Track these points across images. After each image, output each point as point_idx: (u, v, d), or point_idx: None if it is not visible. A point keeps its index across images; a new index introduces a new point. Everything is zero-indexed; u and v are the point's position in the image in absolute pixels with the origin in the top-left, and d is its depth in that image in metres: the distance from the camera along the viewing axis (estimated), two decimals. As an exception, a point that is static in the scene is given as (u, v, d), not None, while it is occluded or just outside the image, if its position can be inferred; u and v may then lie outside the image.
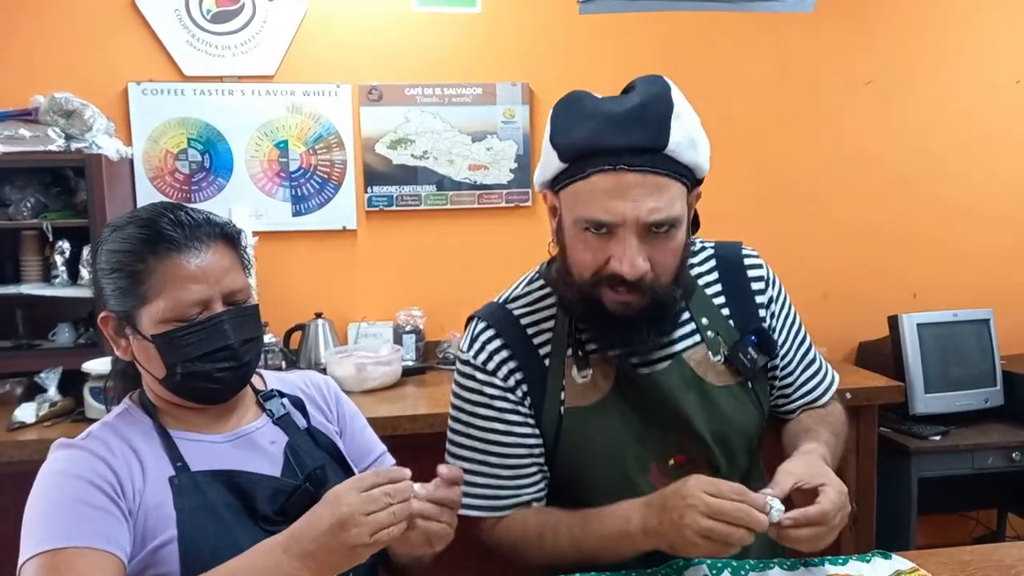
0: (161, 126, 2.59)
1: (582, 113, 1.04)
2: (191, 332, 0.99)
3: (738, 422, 1.15)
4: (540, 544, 1.12)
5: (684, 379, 1.12)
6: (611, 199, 0.99)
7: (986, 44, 2.95)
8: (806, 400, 1.26)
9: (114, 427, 1.03)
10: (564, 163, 1.04)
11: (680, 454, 1.13)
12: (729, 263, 1.21)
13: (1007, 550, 1.16)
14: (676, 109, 1.01)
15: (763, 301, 1.20)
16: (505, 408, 1.15)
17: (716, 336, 1.16)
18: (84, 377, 2.09)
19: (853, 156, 2.93)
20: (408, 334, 2.62)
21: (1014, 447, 2.45)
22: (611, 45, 2.74)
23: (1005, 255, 3.01)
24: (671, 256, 1.05)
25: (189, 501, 0.98)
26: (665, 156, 1.00)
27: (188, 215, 1.03)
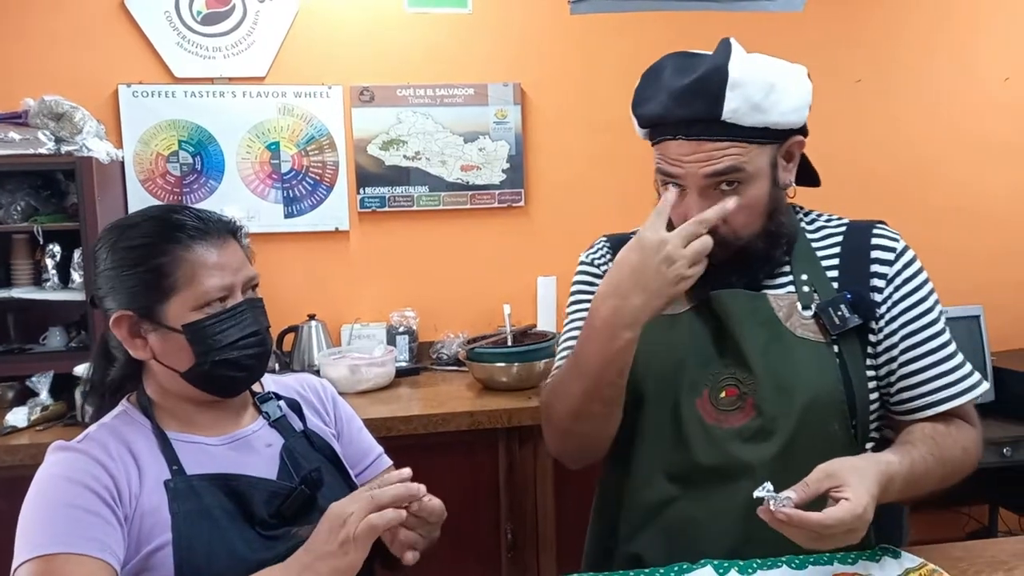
0: (152, 128, 2.58)
1: (657, 86, 1.13)
2: (220, 320, 1.02)
3: (808, 379, 1.09)
4: (555, 393, 1.16)
5: (757, 313, 1.13)
6: (675, 160, 1.11)
7: (974, 42, 2.97)
8: (931, 400, 1.13)
9: (112, 429, 1.03)
10: (643, 128, 1.17)
11: (732, 387, 1.12)
12: (856, 233, 1.21)
13: (999, 545, 1.18)
14: (732, 79, 1.06)
15: (883, 272, 1.15)
16: (596, 284, 1.20)
17: (811, 290, 1.14)
18: (76, 381, 2.08)
19: (843, 155, 2.94)
20: (402, 335, 2.62)
21: (1005, 442, 2.46)
22: (602, 45, 2.74)
23: (995, 252, 3.03)
24: (746, 212, 1.10)
25: (184, 505, 0.98)
26: (723, 123, 1.07)
27: (199, 211, 1.07)
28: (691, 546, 1.11)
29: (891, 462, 0.99)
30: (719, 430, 1.11)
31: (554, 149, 2.79)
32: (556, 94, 2.76)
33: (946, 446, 1.09)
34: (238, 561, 0.96)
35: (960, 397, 1.13)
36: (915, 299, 1.15)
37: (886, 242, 1.18)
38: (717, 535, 1.10)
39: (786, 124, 1.11)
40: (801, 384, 1.09)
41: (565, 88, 2.77)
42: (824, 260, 1.18)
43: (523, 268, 2.80)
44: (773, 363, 1.10)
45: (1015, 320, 3.03)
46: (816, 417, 1.09)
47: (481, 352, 2.35)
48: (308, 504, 1.05)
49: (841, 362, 1.11)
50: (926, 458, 1.05)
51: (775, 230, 1.14)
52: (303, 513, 1.04)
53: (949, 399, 1.12)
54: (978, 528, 2.98)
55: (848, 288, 1.14)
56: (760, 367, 1.10)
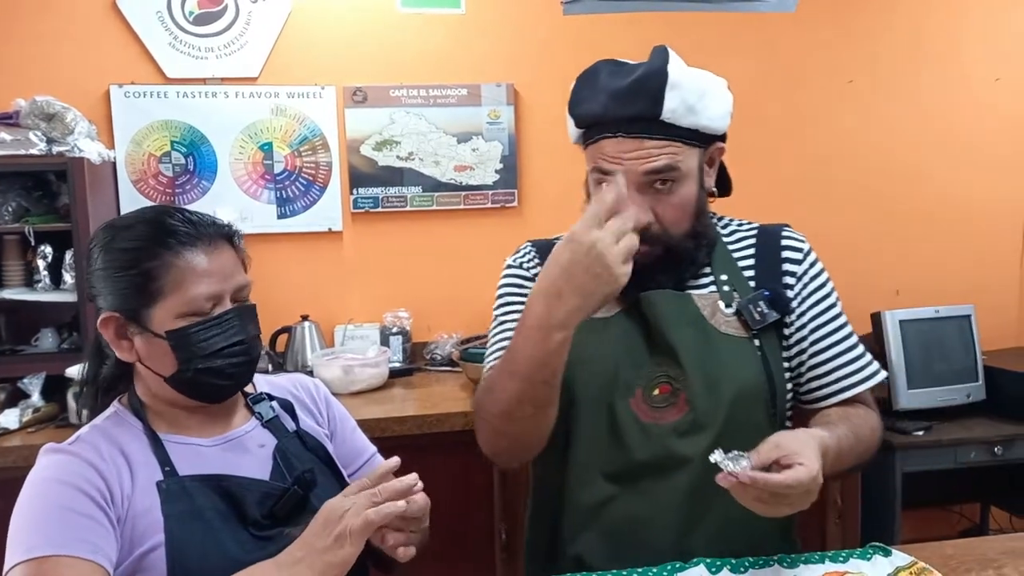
0: (144, 129, 2.58)
1: (595, 87, 1.18)
2: (205, 327, 1.00)
3: (735, 373, 1.14)
4: (488, 390, 1.12)
5: (685, 312, 1.17)
6: (613, 157, 1.13)
7: (966, 42, 2.99)
8: (838, 387, 1.21)
9: (104, 431, 1.02)
10: (580, 129, 1.21)
11: (665, 384, 1.15)
12: (767, 237, 1.27)
13: (990, 543, 1.18)
14: (671, 80, 1.11)
15: (793, 271, 1.23)
16: (526, 287, 1.27)
17: (731, 290, 1.20)
18: (68, 382, 2.08)
19: (836, 155, 2.96)
20: (395, 335, 2.62)
21: (996, 441, 2.47)
22: (596, 46, 2.74)
23: (986, 251, 3.04)
24: (676, 209, 1.14)
25: (177, 506, 0.97)
26: (661, 123, 1.11)
27: (193, 215, 1.05)
28: (633, 543, 1.12)
29: (824, 436, 1.03)
30: (655, 427, 1.14)
31: (547, 150, 2.79)
32: (549, 95, 2.76)
33: (859, 426, 1.16)
34: (231, 562, 0.96)
35: (864, 383, 1.22)
36: (821, 295, 1.23)
37: (795, 243, 1.26)
38: (659, 530, 1.13)
39: (714, 129, 1.16)
40: (728, 378, 1.14)
41: (558, 89, 2.74)
42: (740, 261, 1.24)
43: (517, 268, 2.79)
44: (702, 359, 1.14)
45: (1005, 319, 3.05)
46: (743, 408, 1.14)
47: (475, 352, 2.35)
48: (301, 505, 1.04)
49: (762, 355, 1.18)
50: (848, 435, 1.11)
51: (700, 231, 1.19)
52: (296, 514, 1.04)
53: (854, 385, 1.21)
54: (970, 527, 2.99)
55: (764, 286, 1.20)
56: (691, 364, 1.14)
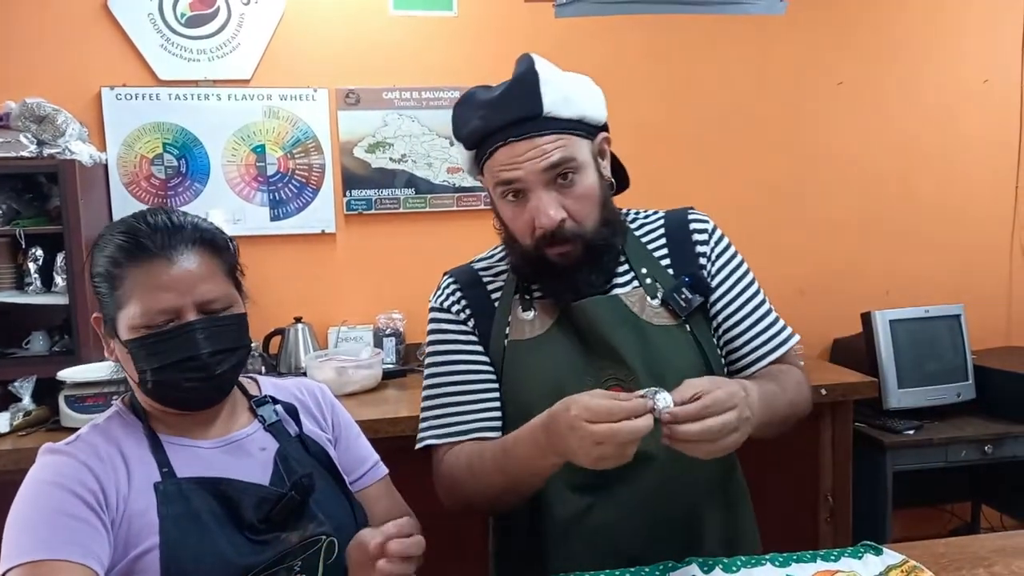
0: (136, 131, 2.57)
1: (471, 106, 1.19)
2: (159, 340, 0.98)
3: (675, 362, 1.16)
4: (471, 472, 1.16)
5: (617, 313, 1.18)
6: (511, 165, 1.13)
7: (954, 45, 3.01)
8: (758, 354, 1.23)
9: (104, 430, 1.02)
10: (471, 150, 1.20)
11: (615, 386, 1.15)
12: (675, 223, 1.28)
13: (980, 542, 1.18)
14: (542, 77, 1.14)
15: (703, 251, 1.25)
16: (459, 338, 1.27)
17: (654, 282, 1.22)
18: (59, 386, 2.06)
19: (827, 156, 2.98)
20: (388, 337, 2.62)
21: (986, 440, 2.49)
22: (587, 48, 2.75)
23: (975, 251, 3.07)
24: (585, 201, 1.15)
25: (173, 508, 0.97)
26: (545, 118, 1.13)
27: (170, 221, 1.01)
28: (615, 550, 1.13)
29: (744, 380, 1.03)
30: None
31: (540, 151, 2.80)
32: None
33: (782, 379, 1.18)
34: (225, 565, 0.96)
35: (782, 347, 1.24)
36: (729, 269, 1.25)
37: (701, 225, 1.27)
38: (631, 530, 1.14)
39: (595, 119, 1.18)
40: (671, 367, 1.15)
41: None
42: (655, 252, 1.25)
43: (510, 270, 2.80)
44: (644, 354, 1.16)
45: (995, 319, 3.07)
46: None
47: (468, 354, 2.35)
48: (299, 510, 1.04)
49: (695, 339, 1.20)
50: (768, 384, 1.13)
51: (611, 218, 1.20)
52: (293, 519, 1.03)
53: (774, 350, 1.23)
54: (961, 525, 3.01)
55: (681, 272, 1.22)
56: (635, 360, 1.15)
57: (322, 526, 1.04)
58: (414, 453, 1.28)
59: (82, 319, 2.23)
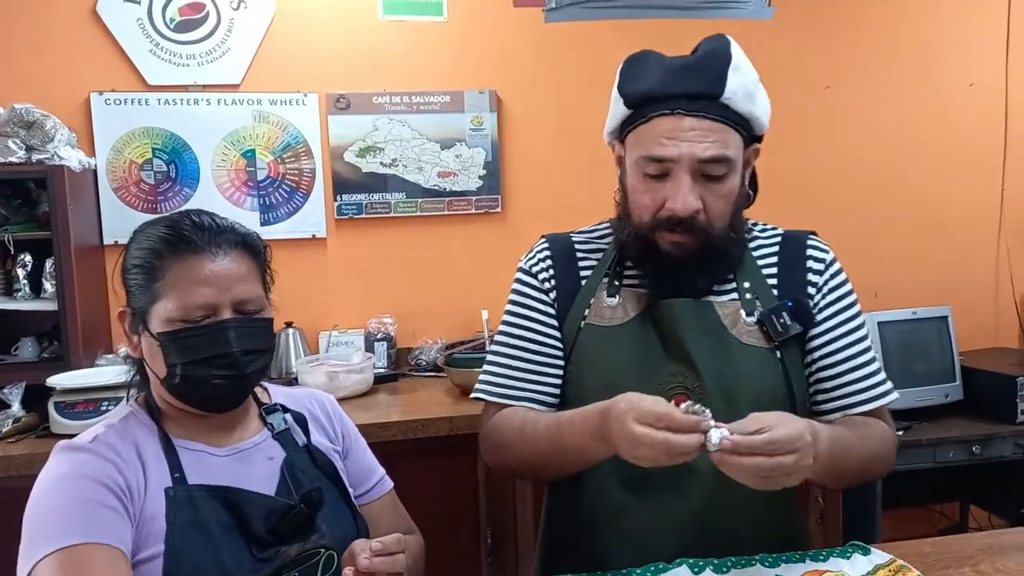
0: (125, 136, 2.56)
1: (647, 65, 1.12)
2: (194, 334, 0.99)
3: (755, 385, 1.12)
4: (522, 436, 1.14)
5: (704, 321, 1.14)
6: (669, 139, 1.07)
7: (940, 49, 3.04)
8: (848, 401, 1.17)
9: (119, 430, 1.02)
10: (629, 109, 1.13)
11: (682, 395, 1.11)
12: (792, 244, 1.23)
13: (967, 541, 1.20)
14: (734, 62, 1.09)
15: (815, 280, 1.19)
16: (537, 306, 1.23)
17: (754, 298, 1.17)
18: (49, 392, 2.05)
19: (814, 159, 3.00)
20: (380, 341, 2.62)
21: (974, 440, 2.51)
22: (577, 52, 2.77)
23: (961, 253, 3.09)
24: (723, 201, 1.11)
25: (181, 515, 0.97)
26: (721, 104, 1.08)
27: (213, 221, 1.05)
28: (648, 551, 1.11)
29: (815, 423, 1.00)
30: None
31: (530, 155, 2.81)
32: (532, 101, 2.78)
33: (864, 431, 1.14)
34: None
35: (875, 401, 1.17)
36: (840, 306, 1.19)
37: (818, 253, 1.23)
38: (671, 540, 1.11)
39: (762, 124, 1.15)
40: (747, 389, 1.11)
41: (541, 95, 2.79)
42: (764, 268, 1.21)
43: (501, 273, 2.77)
44: (720, 369, 1.12)
45: (982, 320, 3.10)
46: None
47: (459, 358, 2.36)
48: (305, 524, 1.03)
49: (783, 367, 1.15)
50: (847, 433, 1.09)
51: (738, 227, 1.17)
52: (299, 532, 1.02)
53: (865, 401, 1.17)
54: (950, 525, 3.03)
55: (786, 296, 1.17)
56: (708, 373, 1.12)
57: (323, 539, 1.04)
58: (406, 459, 1.28)
59: (71, 325, 2.22)
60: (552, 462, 1.12)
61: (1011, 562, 1.10)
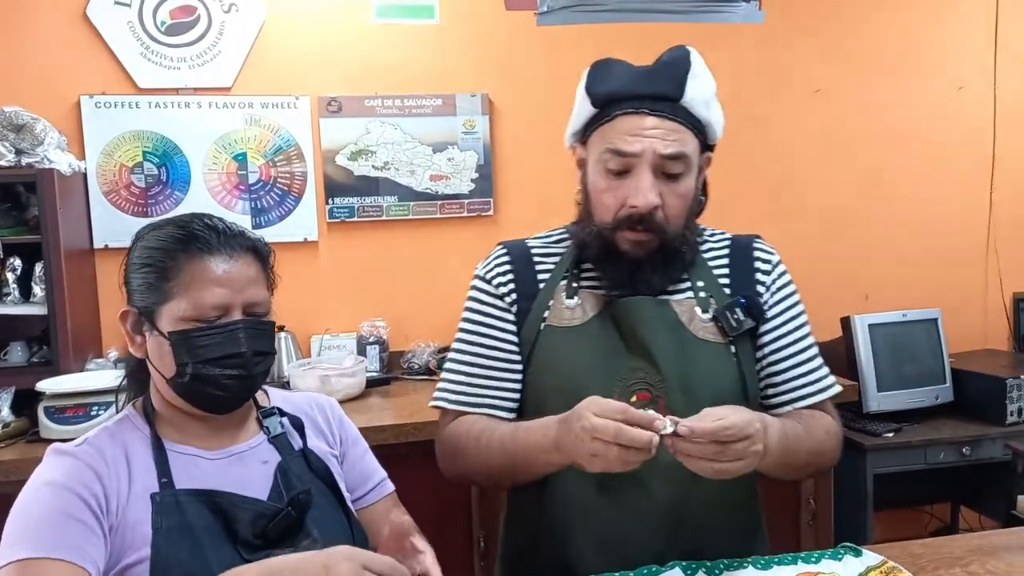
0: (115, 139, 2.55)
1: (613, 70, 1.19)
2: (207, 334, 1.00)
3: (712, 379, 1.16)
4: (476, 445, 1.17)
5: (663, 318, 1.18)
6: (632, 136, 1.13)
7: (929, 53, 3.06)
8: (796, 395, 1.23)
9: (112, 433, 1.03)
10: (596, 108, 1.18)
11: (643, 391, 1.15)
12: (740, 246, 1.28)
13: (957, 542, 1.21)
14: (694, 70, 1.16)
15: (763, 280, 1.25)
16: (492, 312, 1.25)
17: (708, 296, 1.21)
18: (38, 397, 2.04)
19: (805, 163, 3.01)
20: (372, 345, 2.62)
21: (964, 442, 2.53)
22: (569, 55, 2.77)
23: (951, 256, 3.11)
24: (680, 201, 1.16)
25: (167, 520, 0.97)
26: (681, 107, 1.14)
27: (224, 224, 1.06)
28: (619, 550, 1.13)
29: (765, 415, 1.05)
30: None
31: (522, 158, 2.81)
32: (524, 104, 2.78)
33: (811, 423, 1.18)
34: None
35: (822, 393, 1.23)
36: (787, 304, 1.25)
37: (765, 255, 1.28)
38: (638, 536, 1.13)
39: (716, 133, 1.20)
40: (706, 384, 1.15)
41: (533, 98, 2.79)
42: (715, 269, 1.25)
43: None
44: (680, 364, 1.15)
45: (971, 322, 3.12)
46: None
47: (452, 361, 2.35)
48: (295, 527, 1.03)
49: (738, 361, 1.19)
50: (795, 426, 1.14)
51: (692, 229, 1.22)
52: (288, 535, 1.02)
53: (812, 394, 1.23)
54: (941, 527, 3.04)
55: (738, 294, 1.22)
56: (668, 368, 1.15)
57: (315, 543, 1.02)
58: (398, 462, 1.28)
59: (61, 329, 2.21)
60: (507, 472, 1.15)
61: (1001, 563, 1.11)
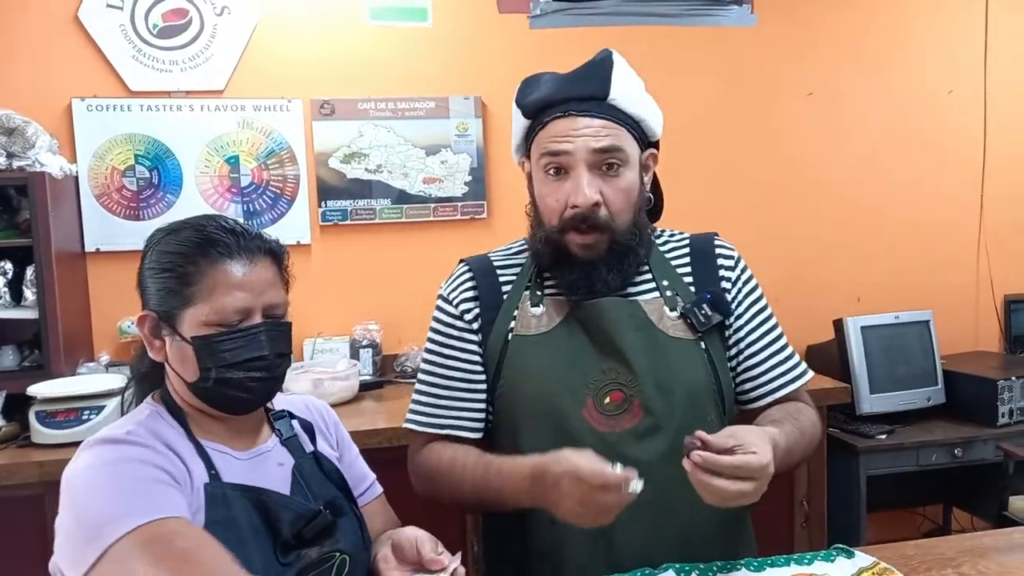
0: (107, 143, 2.54)
1: (539, 79, 1.22)
2: (230, 338, 1.00)
3: (685, 375, 1.17)
4: (449, 476, 1.19)
5: (633, 318, 1.19)
6: (564, 137, 1.15)
7: (920, 57, 3.08)
8: (773, 386, 1.24)
9: (149, 427, 1.01)
10: (528, 119, 1.21)
11: (617, 391, 1.16)
12: (700, 244, 1.30)
13: (949, 543, 1.21)
14: (617, 68, 1.18)
15: (728, 276, 1.26)
16: (454, 333, 1.26)
17: (674, 295, 1.23)
18: (30, 401, 2.03)
19: (797, 165, 3.02)
20: (365, 348, 2.61)
21: (956, 443, 2.54)
22: (562, 58, 2.76)
23: (943, 258, 3.13)
24: (622, 195, 1.16)
25: (217, 512, 0.97)
26: (610, 105, 1.16)
27: (241, 227, 1.06)
28: (601, 554, 1.13)
29: (774, 432, 1.06)
30: (611, 435, 1.14)
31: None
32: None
33: (802, 421, 1.20)
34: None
35: (798, 381, 1.26)
36: (753, 298, 1.27)
37: (726, 252, 1.29)
38: (625, 538, 1.13)
39: (652, 129, 1.21)
40: (679, 380, 1.17)
41: (526, 101, 2.79)
42: (678, 268, 1.27)
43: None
44: (653, 363, 1.16)
45: (963, 324, 3.13)
46: (696, 410, 1.18)
47: (445, 364, 2.35)
48: (329, 529, 1.04)
49: (708, 357, 1.21)
50: (794, 432, 1.15)
51: (641, 225, 1.22)
52: (321, 537, 1.03)
53: (785, 385, 1.25)
54: (933, 528, 3.05)
55: (703, 291, 1.24)
56: (642, 368, 1.16)
57: (338, 543, 1.05)
58: (392, 466, 1.28)
59: (52, 333, 2.20)
60: (476, 504, 1.18)
61: (992, 564, 1.12)
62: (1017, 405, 2.57)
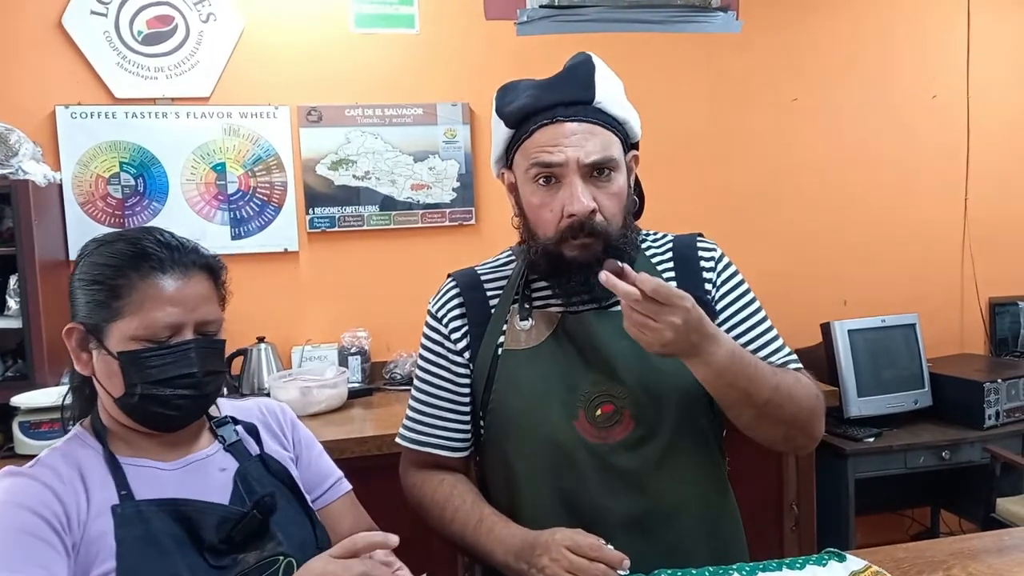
0: (91, 150, 2.52)
1: (519, 87, 1.20)
2: (158, 354, 0.98)
3: (674, 381, 1.16)
4: (440, 517, 1.21)
5: (618, 328, 1.15)
6: (553, 146, 1.12)
7: (903, 63, 3.11)
8: None
9: (64, 453, 1.01)
10: (511, 128, 1.18)
11: (607, 403, 1.15)
12: (683, 247, 1.28)
13: (939, 546, 1.22)
14: (599, 71, 1.16)
15: (710, 277, 1.25)
16: (440, 351, 1.26)
17: None
18: (13, 411, 2.01)
19: (783, 170, 3.04)
20: (354, 356, 2.60)
21: (943, 446, 2.56)
22: (547, 65, 2.76)
23: (927, 262, 3.16)
24: (615, 200, 1.15)
25: (131, 531, 0.96)
26: (595, 108, 1.14)
27: (177, 240, 1.04)
28: None
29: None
30: (604, 447, 1.14)
31: (503, 167, 2.81)
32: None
33: (776, 367, 1.18)
34: None
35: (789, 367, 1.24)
36: (736, 293, 1.25)
37: (707, 252, 1.28)
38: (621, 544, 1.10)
39: (634, 131, 1.20)
40: (668, 387, 1.15)
41: (513, 107, 2.80)
42: (662, 273, 1.26)
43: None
44: (641, 372, 1.15)
45: (948, 327, 3.16)
46: (688, 416, 1.17)
47: (434, 371, 2.34)
48: (260, 530, 1.03)
49: None
50: (756, 360, 1.12)
51: (630, 227, 1.21)
52: (254, 539, 1.02)
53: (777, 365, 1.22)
54: (921, 530, 3.07)
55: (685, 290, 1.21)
56: (630, 377, 1.15)
57: (280, 546, 1.03)
58: (381, 472, 1.27)
59: (36, 343, 2.18)
60: (463, 551, 1.21)
61: (982, 566, 1.12)
62: (1003, 407, 2.60)
